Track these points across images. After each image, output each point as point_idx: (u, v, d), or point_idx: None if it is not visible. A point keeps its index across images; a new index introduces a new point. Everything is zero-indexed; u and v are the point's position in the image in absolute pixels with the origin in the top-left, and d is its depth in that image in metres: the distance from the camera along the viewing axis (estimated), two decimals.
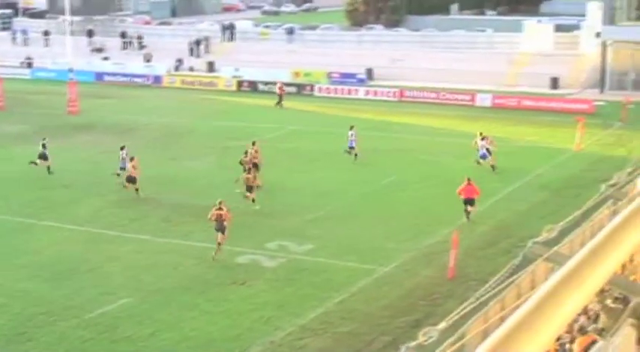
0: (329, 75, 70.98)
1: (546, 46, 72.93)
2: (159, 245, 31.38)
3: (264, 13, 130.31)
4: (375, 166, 42.49)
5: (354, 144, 43.37)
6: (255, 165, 38.59)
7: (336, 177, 40.19)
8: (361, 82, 69.46)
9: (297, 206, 35.71)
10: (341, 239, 31.79)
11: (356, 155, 43.16)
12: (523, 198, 37.13)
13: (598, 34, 65.14)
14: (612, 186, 13.95)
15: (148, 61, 79.34)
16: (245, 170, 37.36)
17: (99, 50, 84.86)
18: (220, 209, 30.58)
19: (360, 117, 54.55)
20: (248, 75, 71.66)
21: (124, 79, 73.93)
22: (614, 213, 14.59)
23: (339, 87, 66.94)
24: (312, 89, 66.56)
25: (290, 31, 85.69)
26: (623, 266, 12.61)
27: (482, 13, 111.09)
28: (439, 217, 34.16)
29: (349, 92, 65.54)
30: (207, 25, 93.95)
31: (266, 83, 68.28)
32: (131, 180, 37.62)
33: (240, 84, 69.76)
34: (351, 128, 43.99)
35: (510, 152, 44.02)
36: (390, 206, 36.06)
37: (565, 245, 19.13)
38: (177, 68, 77.95)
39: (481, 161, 41.67)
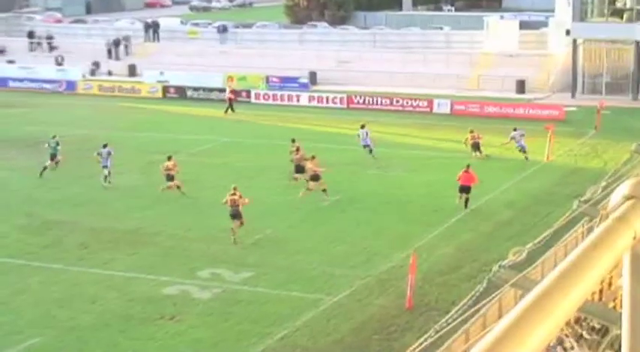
0: (267, 79, 71.04)
1: (511, 45, 73.85)
2: (74, 275, 31.06)
3: (193, 9, 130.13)
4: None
5: (368, 142, 46.75)
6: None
7: (275, 196, 40.17)
8: (304, 87, 69.59)
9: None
10: (282, 265, 31.77)
11: (371, 152, 46.42)
12: (488, 217, 37.47)
13: (568, 32, 66.09)
14: (586, 202, 14.14)
15: (60, 64, 78.66)
16: (295, 169, 41.60)
17: (2, 52, 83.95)
18: (234, 194, 33.92)
19: (302, 127, 54.66)
20: (175, 80, 71.41)
21: (32, 85, 73.17)
22: (589, 232, 14.81)
23: (279, 93, 66.97)
24: (248, 96, 66.51)
25: (222, 30, 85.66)
26: (601, 292, 12.81)
27: (439, 9, 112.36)
28: (394, 239, 34.33)
29: (290, 99, 65.60)
30: (127, 23, 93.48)
31: (195, 89, 68.15)
32: (171, 178, 40.33)
33: (166, 90, 69.47)
34: (363, 127, 47.34)
35: (472, 165, 44.35)
36: (337, 227, 36.14)
37: (535, 269, 19.40)
38: (93, 72, 77.34)
39: (523, 153, 46.23)
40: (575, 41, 65.59)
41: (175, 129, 55.94)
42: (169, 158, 41.12)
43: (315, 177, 39.46)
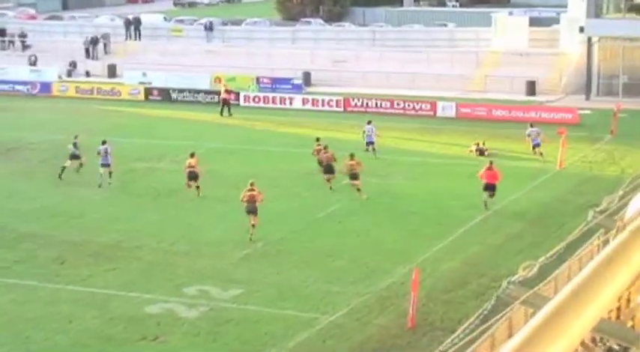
0: (257, 80, 71.06)
1: (520, 43, 73.92)
2: (49, 292, 31.01)
3: (177, 4, 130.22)
4: (314, 193, 42.53)
5: (373, 139, 49.44)
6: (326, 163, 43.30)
7: (267, 207, 40.11)
8: (297, 88, 69.62)
9: (219, 242, 35.61)
10: (275, 282, 31.75)
11: (374, 150, 48.75)
12: (496, 229, 37.47)
13: (581, 29, 66.21)
14: (601, 212, 14.20)
15: (34, 64, 78.65)
16: (322, 166, 43.17)
17: None
18: (252, 190, 35.62)
19: (296, 132, 54.63)
20: (158, 81, 71.46)
21: (4, 86, 73.11)
22: (604, 245, 14.87)
23: (270, 95, 67.01)
24: (237, 98, 66.53)
25: (209, 27, 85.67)
26: (619, 310, 12.86)
27: (443, 4, 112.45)
28: (394, 253, 34.31)
29: (282, 101, 65.64)
30: (106, 20, 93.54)
31: (180, 91, 68.17)
32: (194, 176, 41.19)
33: (148, 92, 69.50)
34: (369, 122, 50.28)
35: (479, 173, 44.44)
36: (333, 241, 36.10)
37: (547, 285, 19.45)
38: (70, 73, 77.37)
39: (536, 149, 48.25)
40: (589, 39, 65.70)
41: (158, 134, 55.92)
42: (192, 155, 41.90)
43: (355, 176, 40.79)
